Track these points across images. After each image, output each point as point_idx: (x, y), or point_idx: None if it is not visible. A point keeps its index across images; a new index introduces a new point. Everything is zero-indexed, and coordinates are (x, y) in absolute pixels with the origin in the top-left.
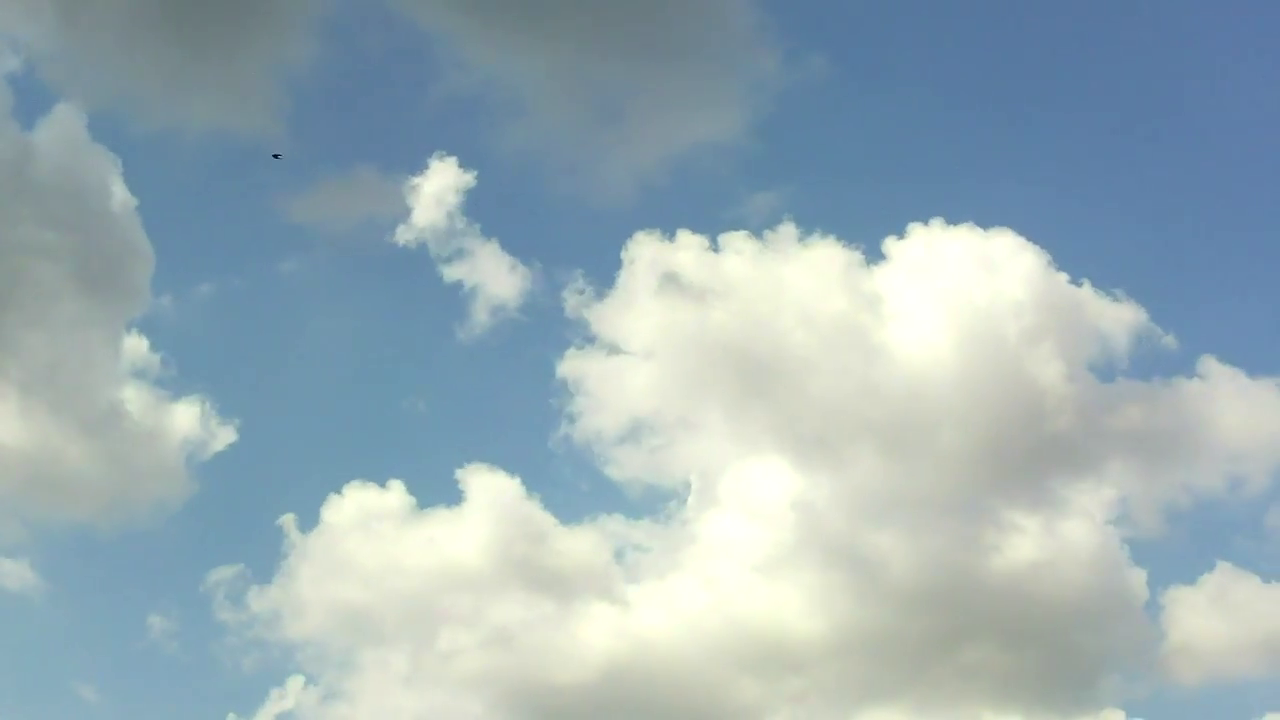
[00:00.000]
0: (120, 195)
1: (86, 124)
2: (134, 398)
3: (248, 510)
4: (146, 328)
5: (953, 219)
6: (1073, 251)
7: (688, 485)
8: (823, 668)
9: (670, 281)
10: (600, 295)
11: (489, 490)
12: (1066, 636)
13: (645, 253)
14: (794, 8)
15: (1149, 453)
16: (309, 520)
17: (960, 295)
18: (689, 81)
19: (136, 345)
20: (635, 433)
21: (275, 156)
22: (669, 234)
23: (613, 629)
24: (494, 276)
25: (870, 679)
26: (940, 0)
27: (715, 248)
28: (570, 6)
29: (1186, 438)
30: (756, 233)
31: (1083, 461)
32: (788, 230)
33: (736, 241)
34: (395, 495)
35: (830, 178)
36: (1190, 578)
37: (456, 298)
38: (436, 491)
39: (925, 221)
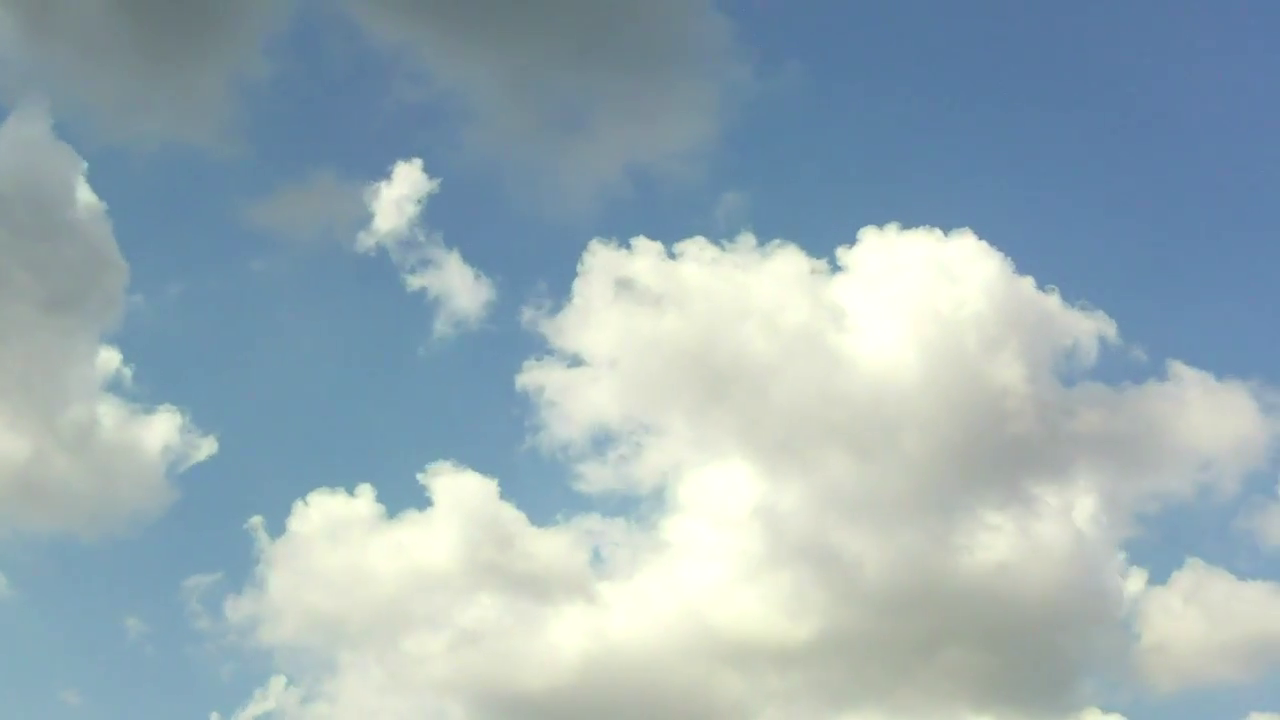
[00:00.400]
0: (90, 202)
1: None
2: (107, 408)
3: (223, 518)
4: (118, 338)
5: (918, 222)
6: (1038, 254)
7: (656, 491)
8: (799, 671)
9: (630, 290)
10: (561, 305)
11: (459, 495)
12: (1039, 638)
13: (606, 262)
14: (758, 17)
15: (1119, 455)
16: (284, 527)
17: (924, 299)
18: (651, 90)
19: (110, 356)
20: (601, 440)
21: None
22: (630, 243)
23: (587, 632)
24: (455, 286)
25: (847, 681)
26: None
27: (676, 255)
28: (533, 17)
29: (1155, 440)
30: (717, 240)
31: (1053, 464)
32: (749, 237)
33: (697, 249)
34: (366, 501)
35: (793, 184)
36: (1164, 578)
37: (418, 307)
38: (406, 496)
39: (888, 226)
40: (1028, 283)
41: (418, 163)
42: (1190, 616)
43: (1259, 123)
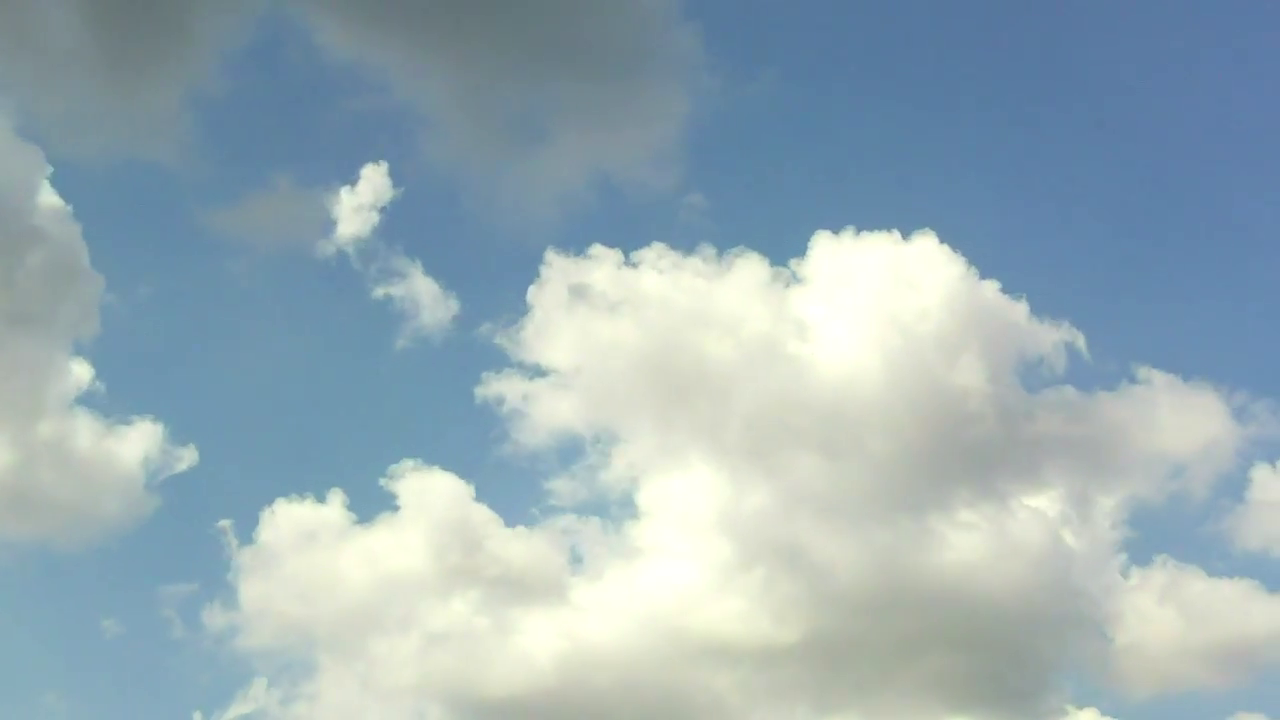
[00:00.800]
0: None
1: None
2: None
3: (199, 526)
4: (90, 348)
5: (882, 226)
6: (1003, 259)
7: (625, 496)
8: (771, 673)
9: (591, 299)
10: (522, 315)
11: (430, 500)
12: (1015, 641)
13: (569, 270)
14: (723, 26)
15: (1090, 457)
16: (260, 533)
17: (888, 303)
18: (614, 99)
19: (83, 367)
20: (568, 447)
21: None
22: (592, 251)
23: (562, 635)
24: (416, 296)
25: (821, 684)
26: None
27: (637, 263)
28: (494, 27)
29: (1126, 442)
30: (679, 247)
31: (1025, 467)
32: (711, 244)
33: (658, 257)
34: (338, 507)
35: (756, 190)
36: (1137, 580)
37: (382, 317)
38: (377, 502)
39: (846, 230)
40: (992, 286)
41: (379, 172)
42: (1164, 617)
43: (1226, 125)
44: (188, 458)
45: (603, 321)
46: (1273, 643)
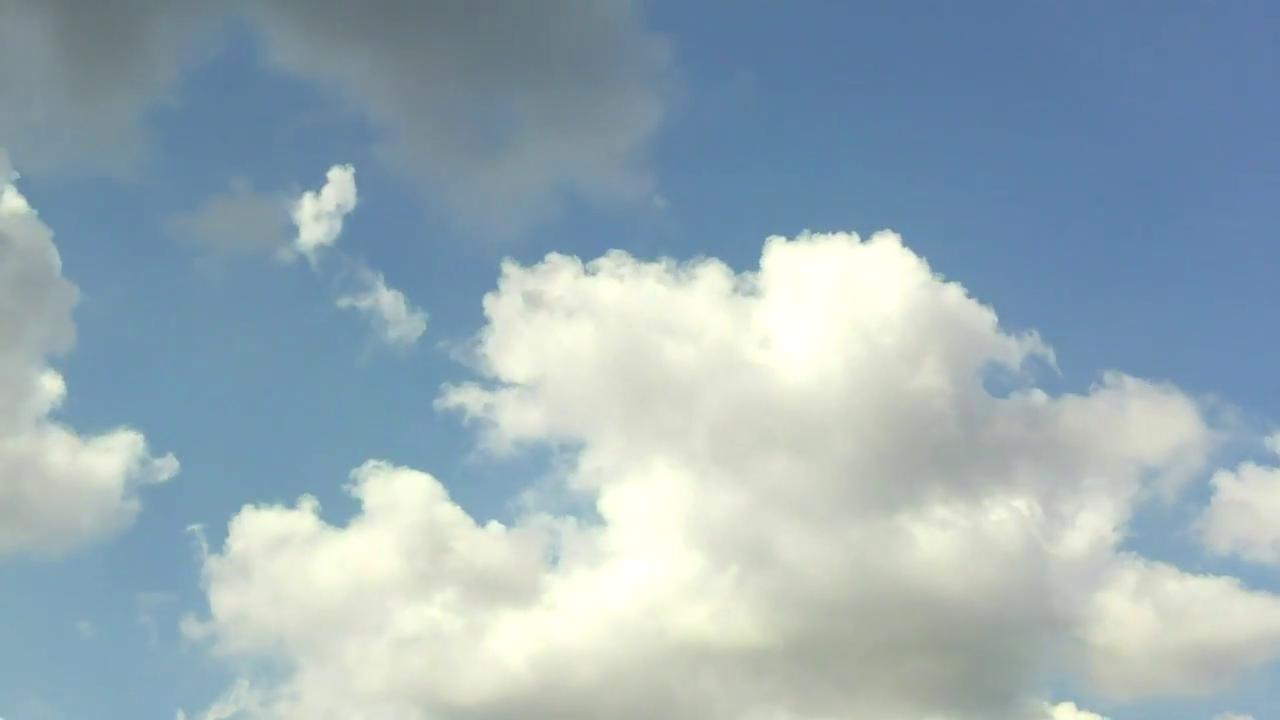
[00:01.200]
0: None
1: None
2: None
3: (172, 536)
4: (62, 361)
5: (846, 229)
6: (966, 262)
7: (593, 504)
8: (750, 678)
9: (554, 308)
10: (484, 324)
11: (400, 504)
12: (990, 643)
13: (531, 280)
14: (690, 35)
15: (1060, 460)
16: (232, 541)
17: (851, 306)
18: (576, 109)
19: (54, 379)
20: (536, 454)
21: None
22: (555, 259)
23: (533, 642)
24: (379, 306)
25: (802, 687)
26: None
27: (600, 271)
28: (458, 39)
29: (1096, 444)
30: (641, 255)
31: (995, 470)
32: (673, 251)
33: (620, 265)
34: (311, 514)
35: (717, 197)
36: (1110, 582)
37: (346, 326)
38: (348, 507)
39: (815, 234)
40: (957, 290)
41: (340, 181)
42: (1138, 617)
43: (1199, 127)
44: (166, 468)
45: (565, 329)
46: (1251, 642)
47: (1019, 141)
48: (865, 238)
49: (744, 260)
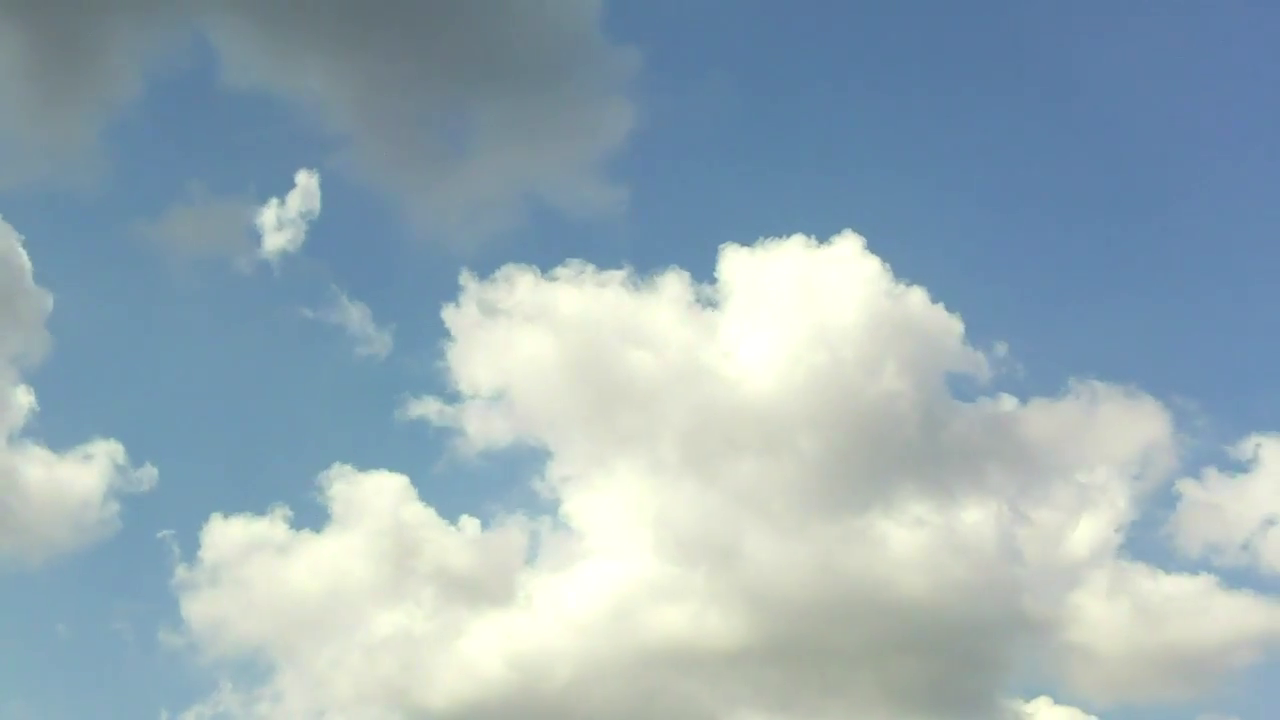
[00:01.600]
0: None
1: None
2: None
3: (146, 546)
4: (34, 373)
5: (808, 232)
6: (932, 267)
7: (561, 511)
8: (723, 681)
9: (515, 317)
10: (446, 335)
11: (372, 515)
12: (965, 645)
13: (492, 290)
14: (648, 46)
15: (1029, 462)
16: (204, 549)
17: (814, 311)
18: (537, 119)
19: (27, 392)
20: (505, 461)
21: None
22: (516, 269)
23: (507, 645)
24: (343, 318)
25: (777, 690)
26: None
27: (562, 280)
28: (420, 51)
29: (1069, 449)
30: (604, 263)
31: (965, 474)
32: (633, 260)
33: (580, 273)
34: (282, 521)
35: (679, 205)
36: (1083, 583)
37: (310, 336)
38: (318, 514)
39: (780, 238)
40: (919, 293)
41: (306, 189)
42: (1113, 617)
43: (1178, 129)
44: (145, 478)
45: (527, 338)
46: (1230, 645)
47: (986, 143)
48: (824, 239)
49: (709, 267)
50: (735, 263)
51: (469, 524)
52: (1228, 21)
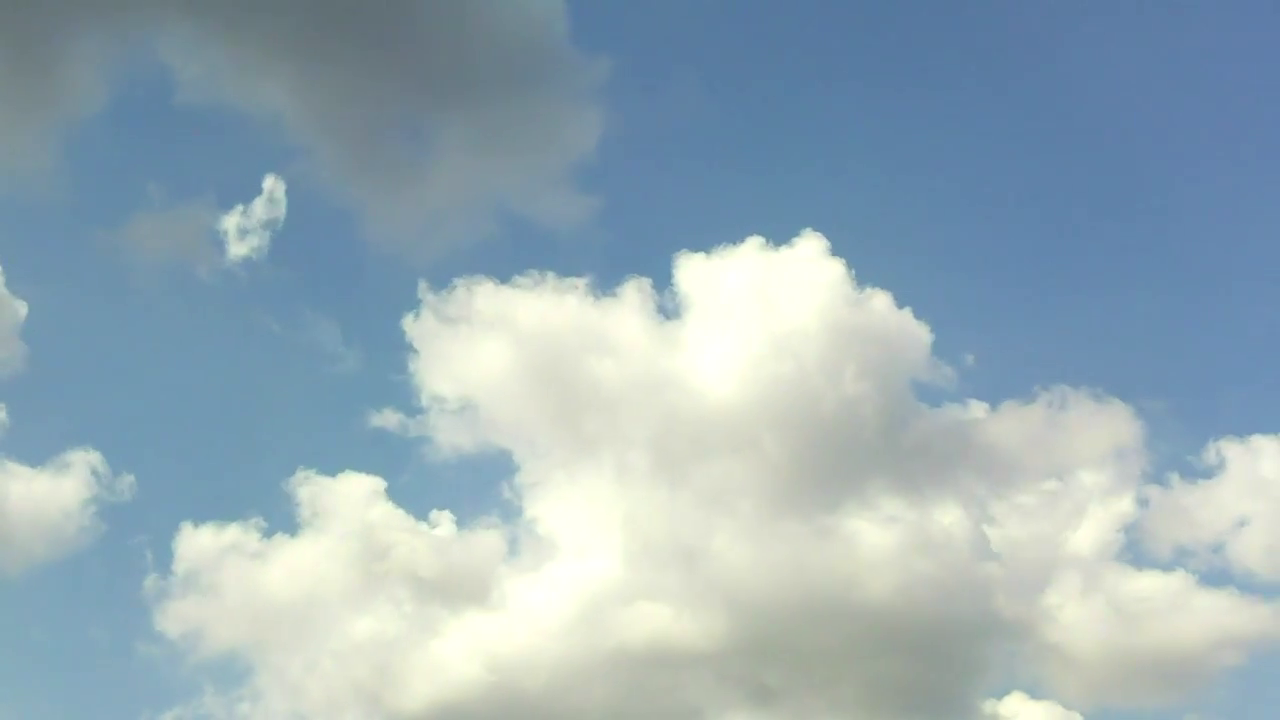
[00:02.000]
0: None
1: None
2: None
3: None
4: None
5: (767, 239)
6: (897, 269)
7: (531, 516)
8: (698, 682)
9: (478, 326)
10: (411, 346)
11: (345, 520)
12: (940, 648)
13: (455, 299)
14: (615, 53)
15: (1001, 467)
16: (182, 557)
17: (779, 314)
18: (502, 128)
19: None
20: (474, 469)
21: None
22: (479, 279)
23: (482, 646)
24: (302, 328)
25: (752, 692)
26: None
27: (525, 288)
28: (382, 61)
29: (1041, 451)
30: (563, 272)
31: (936, 478)
32: (596, 269)
33: (539, 282)
34: (254, 528)
35: (643, 212)
36: (1056, 585)
37: (275, 345)
38: (293, 521)
39: (738, 242)
40: (884, 298)
41: (272, 196)
42: (1089, 619)
43: (1141, 131)
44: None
45: (489, 347)
46: (1202, 644)
47: (954, 144)
48: (784, 241)
49: (666, 275)
50: (696, 269)
51: (442, 521)
52: (1205, 29)
